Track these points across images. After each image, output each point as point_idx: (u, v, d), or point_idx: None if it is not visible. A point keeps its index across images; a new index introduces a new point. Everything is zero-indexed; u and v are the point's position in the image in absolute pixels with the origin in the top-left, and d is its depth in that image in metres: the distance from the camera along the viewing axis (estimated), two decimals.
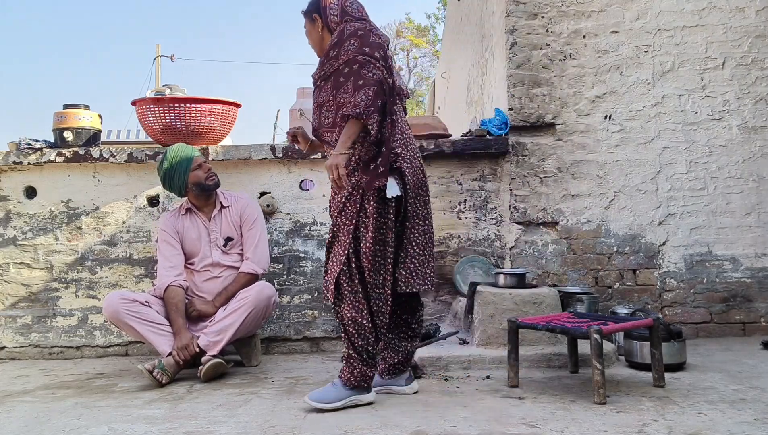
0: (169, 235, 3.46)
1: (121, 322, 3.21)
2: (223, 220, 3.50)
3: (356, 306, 2.55)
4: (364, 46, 2.54)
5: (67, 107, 4.04)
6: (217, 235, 3.48)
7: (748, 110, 3.97)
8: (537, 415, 2.40)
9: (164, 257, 3.43)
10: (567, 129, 3.94)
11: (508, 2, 3.98)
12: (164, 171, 3.45)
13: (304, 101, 4.14)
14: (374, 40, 2.58)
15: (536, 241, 3.92)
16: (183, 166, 3.42)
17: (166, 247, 3.45)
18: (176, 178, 3.43)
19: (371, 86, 2.48)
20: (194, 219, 3.51)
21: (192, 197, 3.51)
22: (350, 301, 2.55)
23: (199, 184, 3.43)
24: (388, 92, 2.54)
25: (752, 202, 3.94)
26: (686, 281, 3.91)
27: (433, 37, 26.10)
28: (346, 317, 2.56)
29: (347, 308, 2.56)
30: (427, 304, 3.93)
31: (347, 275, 2.55)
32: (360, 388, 2.57)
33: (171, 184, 3.48)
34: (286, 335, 3.90)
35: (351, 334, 2.56)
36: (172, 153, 3.45)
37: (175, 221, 3.50)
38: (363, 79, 2.50)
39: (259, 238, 3.50)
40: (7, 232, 3.99)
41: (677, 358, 3.06)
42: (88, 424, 2.46)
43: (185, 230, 3.48)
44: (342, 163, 2.51)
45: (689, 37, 3.99)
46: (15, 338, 3.93)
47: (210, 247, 3.47)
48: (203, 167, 3.46)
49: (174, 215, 3.53)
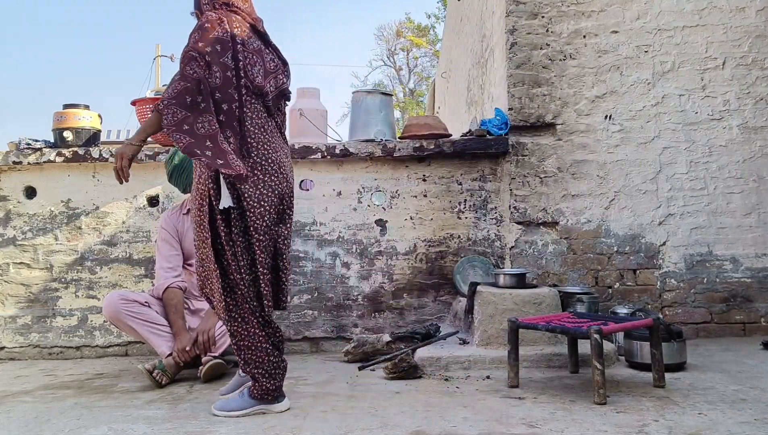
0: (169, 234, 3.44)
1: (121, 323, 3.21)
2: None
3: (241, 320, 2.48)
4: (199, 42, 2.41)
5: (66, 107, 4.04)
6: None
7: (748, 110, 3.97)
8: (537, 415, 2.40)
9: (163, 257, 3.42)
10: (567, 129, 3.94)
11: (508, 2, 3.98)
12: (173, 166, 3.41)
13: (303, 101, 4.14)
14: (214, 34, 2.42)
15: (536, 241, 3.92)
16: (192, 164, 3.40)
17: (165, 246, 3.44)
18: (184, 176, 3.39)
19: (184, 82, 2.37)
20: None
21: None
22: (236, 315, 2.48)
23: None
24: (206, 92, 2.38)
25: (752, 202, 3.94)
26: (686, 281, 3.91)
27: (433, 37, 26.09)
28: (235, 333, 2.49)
29: (234, 324, 2.49)
30: (427, 304, 3.94)
31: (228, 290, 2.49)
32: (264, 400, 2.51)
33: (177, 181, 3.44)
34: (285, 335, 3.89)
35: (242, 349, 2.49)
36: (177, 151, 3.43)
37: (176, 220, 3.48)
38: (182, 75, 2.39)
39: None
40: (6, 232, 3.99)
41: (677, 358, 3.06)
42: (88, 424, 2.46)
43: (186, 230, 3.46)
44: (128, 153, 2.46)
45: (689, 37, 3.99)
46: (15, 338, 3.93)
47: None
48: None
49: (175, 214, 3.51)
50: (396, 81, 27.78)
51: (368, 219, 3.98)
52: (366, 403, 2.65)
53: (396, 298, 3.94)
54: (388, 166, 3.99)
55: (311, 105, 4.12)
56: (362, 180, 3.99)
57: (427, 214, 3.98)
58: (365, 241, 3.96)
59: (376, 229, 3.97)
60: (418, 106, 25.54)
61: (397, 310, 3.93)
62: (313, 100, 4.17)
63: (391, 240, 3.96)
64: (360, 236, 3.96)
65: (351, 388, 2.91)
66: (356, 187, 3.98)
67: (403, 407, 2.56)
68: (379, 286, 3.94)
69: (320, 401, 2.69)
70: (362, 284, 3.95)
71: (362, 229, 3.97)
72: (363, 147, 3.92)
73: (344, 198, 3.98)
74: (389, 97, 4.24)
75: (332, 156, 3.92)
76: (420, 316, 3.92)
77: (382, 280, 3.95)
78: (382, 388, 2.89)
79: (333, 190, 3.98)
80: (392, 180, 3.99)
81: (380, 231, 3.97)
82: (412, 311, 3.93)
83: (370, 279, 3.95)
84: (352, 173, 3.99)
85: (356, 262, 3.95)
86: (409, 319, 3.92)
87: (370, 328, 3.91)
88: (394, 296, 3.94)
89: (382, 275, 3.95)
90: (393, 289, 3.95)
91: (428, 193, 3.99)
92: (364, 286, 3.95)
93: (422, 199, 3.98)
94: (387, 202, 3.98)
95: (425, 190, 3.99)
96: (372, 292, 3.94)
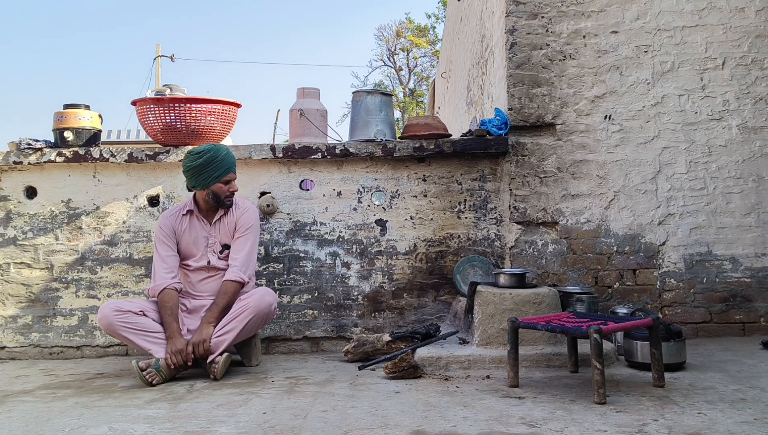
0: (166, 234, 3.43)
1: (116, 334, 3.21)
2: (221, 227, 3.47)
3: None
4: None
5: (67, 107, 4.04)
6: (216, 241, 3.45)
7: (748, 110, 3.97)
8: (537, 415, 2.41)
9: (160, 258, 3.40)
10: (567, 129, 3.95)
11: (508, 2, 3.98)
12: (197, 164, 3.32)
13: (304, 101, 4.14)
14: None
15: (536, 241, 3.92)
16: (217, 171, 3.33)
17: (162, 247, 3.42)
18: (202, 177, 3.33)
19: None
20: (194, 222, 3.47)
21: (201, 198, 3.44)
22: None
23: (217, 197, 3.38)
24: None
25: (752, 202, 3.95)
26: (686, 281, 3.91)
27: (433, 37, 26.11)
28: None
29: None
30: (427, 304, 3.94)
31: None
32: None
33: (193, 178, 3.36)
34: (286, 335, 3.91)
35: None
36: (214, 153, 3.34)
37: (174, 220, 3.47)
38: None
39: (249, 246, 3.40)
40: (7, 232, 3.99)
41: (677, 358, 3.06)
42: (88, 423, 2.46)
43: (183, 232, 3.45)
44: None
45: (689, 37, 3.99)
46: (15, 338, 3.94)
47: (207, 251, 3.44)
48: (231, 185, 3.40)
49: (174, 214, 3.50)
50: (396, 81, 27.81)
51: (368, 219, 3.98)
52: (366, 402, 2.65)
53: (396, 297, 3.95)
54: (388, 166, 4.00)
55: (311, 105, 4.12)
56: (362, 180, 3.99)
57: (427, 214, 3.98)
58: (365, 240, 3.97)
59: (376, 228, 3.98)
60: (418, 106, 25.55)
61: (397, 309, 3.94)
62: (314, 100, 4.17)
63: (391, 240, 3.97)
64: (360, 236, 3.97)
65: (351, 388, 2.92)
66: (356, 187, 3.99)
67: (403, 407, 2.56)
68: (379, 286, 3.95)
69: (321, 401, 2.70)
70: (362, 284, 3.95)
71: (362, 229, 3.97)
72: (363, 147, 3.92)
73: (344, 198, 3.99)
74: (389, 97, 4.24)
75: (332, 156, 3.92)
76: (420, 315, 3.93)
77: (382, 279, 3.95)
78: (383, 388, 2.89)
79: (333, 190, 3.99)
80: (392, 180, 3.99)
81: (380, 231, 3.97)
82: (412, 311, 3.94)
83: (370, 279, 3.95)
84: (352, 173, 3.99)
85: (356, 262, 3.96)
86: (409, 318, 3.93)
87: (370, 328, 3.91)
88: (394, 296, 3.95)
89: (382, 275, 3.95)
90: (393, 288, 3.95)
91: (428, 193, 3.99)
92: (364, 286, 3.95)
93: (422, 199, 3.99)
94: (387, 202, 3.99)
95: (425, 190, 3.99)
96: (372, 291, 3.95)
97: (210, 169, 3.32)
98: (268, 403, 2.69)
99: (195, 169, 3.33)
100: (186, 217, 3.47)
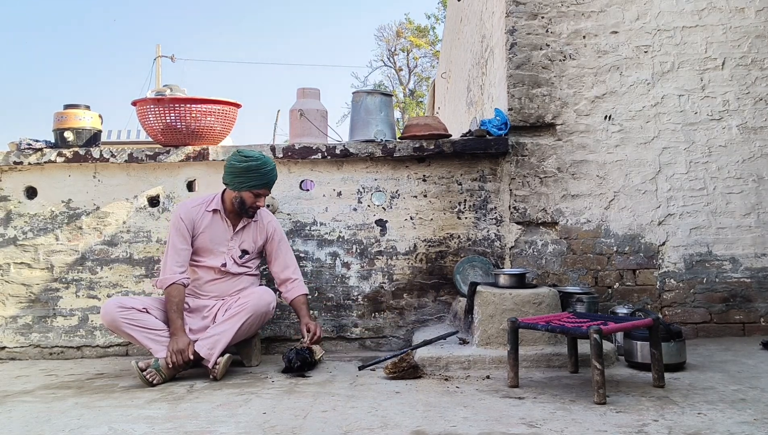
0: (186, 226, 3.37)
1: (119, 330, 3.20)
2: (246, 232, 3.47)
3: None
4: None
5: (67, 107, 4.04)
6: (236, 247, 3.45)
7: (748, 110, 3.97)
8: (537, 415, 2.41)
9: (175, 250, 3.34)
10: (567, 129, 3.95)
11: (508, 2, 3.98)
12: (240, 166, 3.31)
13: (304, 101, 4.14)
14: None
15: (536, 241, 3.92)
16: (254, 181, 3.33)
17: (179, 238, 3.36)
18: (239, 179, 3.33)
19: None
20: (218, 221, 3.44)
21: (228, 198, 3.43)
22: None
23: (242, 204, 3.37)
24: None
25: (752, 202, 3.95)
26: (686, 281, 3.91)
27: (433, 37, 26.11)
28: None
29: None
30: (427, 304, 3.94)
31: None
32: None
33: (230, 175, 3.36)
34: (286, 335, 3.91)
35: None
36: (260, 164, 3.34)
37: (197, 214, 3.41)
38: None
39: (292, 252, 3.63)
40: (7, 232, 3.99)
41: (677, 358, 3.07)
42: (89, 424, 2.46)
43: (204, 228, 3.41)
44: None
45: (689, 38, 3.99)
46: (15, 338, 3.94)
47: (225, 255, 3.43)
48: (260, 199, 3.39)
49: (198, 207, 3.43)
50: (396, 81, 27.81)
51: (368, 219, 3.98)
52: (366, 402, 2.65)
53: (396, 298, 3.95)
54: (388, 167, 4.00)
55: (312, 105, 4.12)
56: (362, 180, 3.99)
57: (427, 214, 3.98)
58: (365, 241, 3.97)
59: (376, 229, 3.98)
60: (418, 106, 25.56)
61: (397, 310, 3.94)
62: (314, 101, 4.17)
63: (391, 240, 3.97)
64: (360, 236, 3.97)
65: (351, 388, 2.92)
66: (356, 187, 3.99)
67: (403, 407, 2.56)
68: (379, 286, 3.95)
69: (321, 401, 2.70)
70: (362, 284, 3.95)
71: (362, 229, 3.97)
72: (363, 147, 3.92)
73: (344, 198, 3.99)
74: (389, 97, 4.24)
75: (332, 156, 3.93)
76: (420, 316, 3.93)
77: (382, 280, 3.95)
78: (383, 388, 2.90)
79: (333, 190, 3.99)
80: (392, 180, 3.99)
81: (380, 231, 3.98)
82: (412, 311, 3.94)
83: (370, 279, 3.95)
84: (352, 173, 3.99)
85: (356, 262, 3.96)
86: (409, 319, 3.93)
87: (370, 328, 3.91)
88: (394, 296, 3.95)
89: (382, 275, 3.95)
90: (393, 289, 3.95)
91: (428, 193, 3.99)
92: (364, 286, 3.95)
93: (422, 199, 3.99)
94: (387, 202, 3.99)
95: (425, 190, 3.99)
96: (372, 292, 3.95)
97: (248, 176, 3.32)
98: (268, 403, 2.69)
99: (236, 169, 3.33)
100: (210, 214, 3.43)
